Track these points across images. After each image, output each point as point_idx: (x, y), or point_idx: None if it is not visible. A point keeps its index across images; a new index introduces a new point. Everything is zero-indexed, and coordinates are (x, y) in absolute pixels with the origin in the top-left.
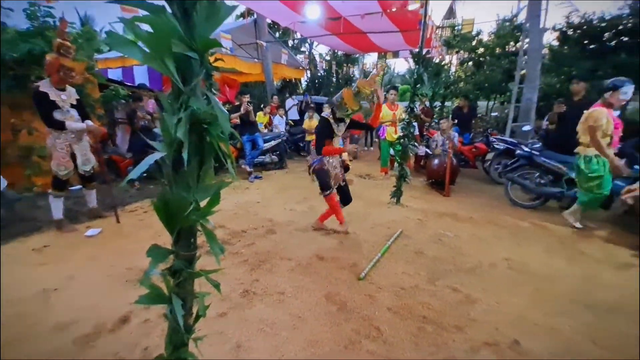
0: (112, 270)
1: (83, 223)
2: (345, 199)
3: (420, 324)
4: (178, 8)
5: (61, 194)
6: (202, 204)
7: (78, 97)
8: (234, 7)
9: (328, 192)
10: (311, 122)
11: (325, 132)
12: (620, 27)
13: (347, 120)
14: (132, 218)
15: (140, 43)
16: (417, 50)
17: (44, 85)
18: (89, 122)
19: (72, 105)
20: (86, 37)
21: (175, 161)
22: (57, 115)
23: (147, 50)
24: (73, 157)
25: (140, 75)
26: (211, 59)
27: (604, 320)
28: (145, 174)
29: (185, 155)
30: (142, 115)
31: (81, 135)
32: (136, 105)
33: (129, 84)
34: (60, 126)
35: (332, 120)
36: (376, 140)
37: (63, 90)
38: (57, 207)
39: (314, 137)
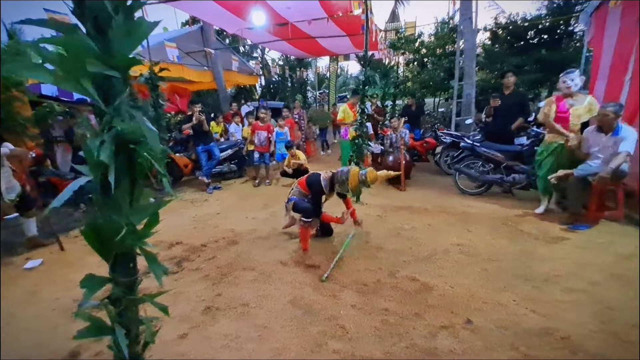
0: (57, 304)
1: (22, 255)
2: (328, 231)
3: (383, 317)
4: (92, 26)
5: None
6: (141, 225)
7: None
8: (156, 23)
9: (310, 220)
10: (248, 129)
11: (320, 194)
12: (540, 26)
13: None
14: (77, 244)
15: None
16: (362, 53)
17: None
18: (8, 146)
19: None
20: (12, 51)
21: (103, 185)
22: None
23: (60, 71)
24: None
25: None
26: (156, 69)
27: (541, 291)
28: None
29: (111, 178)
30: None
31: (1, 162)
32: (73, 122)
33: (65, 99)
34: None
35: (326, 191)
36: (335, 141)
37: None
38: None
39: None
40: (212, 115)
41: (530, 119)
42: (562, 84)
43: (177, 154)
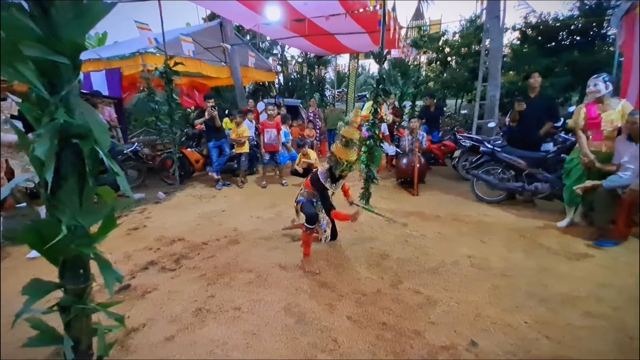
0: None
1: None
2: (332, 235)
3: (379, 332)
4: (35, 7)
5: None
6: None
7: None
8: (110, 5)
9: (312, 226)
10: (239, 129)
11: (323, 190)
12: (572, 27)
13: (345, 175)
14: None
15: None
16: (378, 50)
17: None
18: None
19: (15, 116)
20: None
21: (46, 182)
22: None
23: None
24: (12, 173)
25: (98, 82)
26: (170, 63)
27: (557, 314)
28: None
29: (48, 176)
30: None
31: (20, 149)
32: None
33: (83, 91)
34: None
35: (327, 183)
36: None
37: (3, 99)
38: None
39: (244, 149)
40: (226, 111)
41: (559, 124)
42: (589, 89)
43: (189, 149)
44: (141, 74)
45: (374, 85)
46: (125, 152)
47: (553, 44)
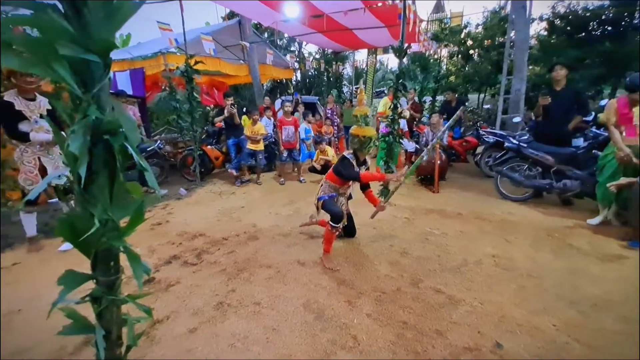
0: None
1: (59, 237)
2: (351, 232)
3: (399, 330)
4: (69, 7)
5: (32, 210)
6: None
7: (50, 107)
8: (138, 5)
9: (339, 225)
10: (254, 127)
11: (347, 165)
12: (604, 17)
13: (369, 161)
14: None
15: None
16: (398, 44)
17: (10, 95)
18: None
19: (42, 116)
20: None
21: (79, 177)
22: (23, 126)
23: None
24: (44, 170)
25: (123, 81)
26: (191, 61)
27: (588, 318)
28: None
29: (82, 171)
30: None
31: (50, 147)
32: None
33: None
34: (24, 138)
35: (355, 163)
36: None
37: (32, 100)
38: (29, 223)
39: (259, 146)
40: (244, 109)
41: (589, 118)
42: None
43: (209, 147)
44: (163, 74)
45: (393, 81)
46: (149, 149)
47: (583, 34)
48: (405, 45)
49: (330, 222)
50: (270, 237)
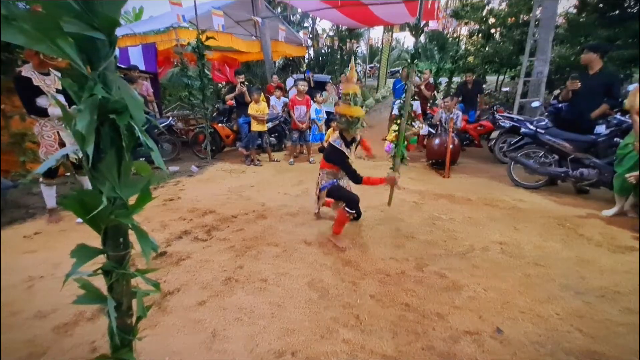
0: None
1: None
2: (357, 213)
3: (401, 312)
4: None
5: (52, 182)
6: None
7: None
8: None
9: (354, 211)
10: (259, 106)
11: (344, 158)
12: None
13: (358, 138)
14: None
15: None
16: (413, 22)
17: (27, 70)
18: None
19: (58, 91)
20: None
21: (87, 155)
22: (41, 101)
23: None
24: (63, 145)
25: (135, 56)
26: (202, 37)
27: (593, 308)
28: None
29: (89, 150)
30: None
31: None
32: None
33: (121, 65)
34: (42, 113)
35: (343, 148)
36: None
37: (47, 74)
38: (49, 195)
39: (262, 127)
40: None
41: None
42: None
43: (220, 124)
44: (175, 49)
45: (408, 61)
46: (163, 124)
47: (617, 12)
48: (423, 22)
49: (346, 208)
50: (278, 217)
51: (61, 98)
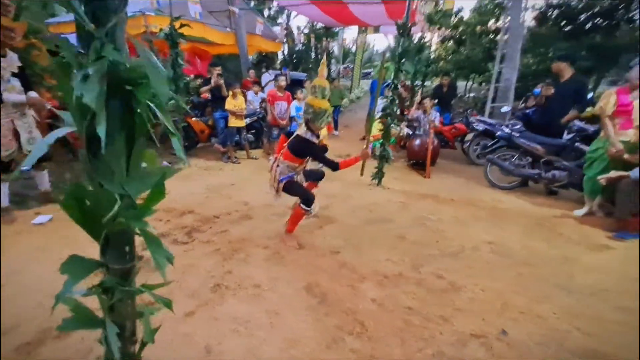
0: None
1: (33, 209)
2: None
3: (405, 316)
4: None
5: (6, 179)
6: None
7: (20, 65)
8: None
9: (310, 208)
10: (237, 101)
11: (315, 148)
12: (597, 9)
13: (320, 130)
14: None
15: None
16: (401, 21)
17: None
18: (32, 94)
19: (14, 75)
20: None
21: (90, 140)
22: None
23: None
24: (17, 135)
25: None
26: (176, 24)
27: (587, 306)
28: None
29: (101, 131)
30: None
31: (24, 110)
32: None
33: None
34: None
35: (315, 139)
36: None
37: (3, 56)
38: (2, 193)
39: (240, 122)
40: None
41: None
42: (632, 74)
43: (194, 119)
44: (143, 36)
45: (396, 60)
46: None
47: (573, 26)
48: (410, 22)
49: (302, 205)
50: (263, 217)
51: (17, 83)
